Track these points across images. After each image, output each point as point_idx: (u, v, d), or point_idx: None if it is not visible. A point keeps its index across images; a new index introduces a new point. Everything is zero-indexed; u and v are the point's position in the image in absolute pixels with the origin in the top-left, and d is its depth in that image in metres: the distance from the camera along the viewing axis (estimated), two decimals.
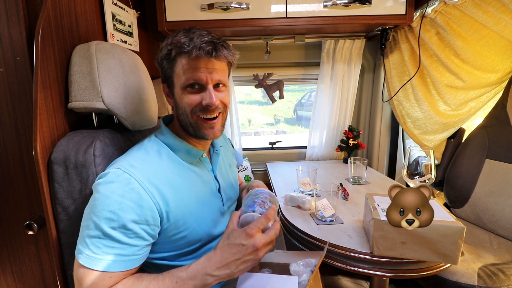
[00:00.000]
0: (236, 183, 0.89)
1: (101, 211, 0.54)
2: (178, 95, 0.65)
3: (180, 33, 0.63)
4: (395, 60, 1.47)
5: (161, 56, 0.66)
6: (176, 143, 0.68)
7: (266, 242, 0.55)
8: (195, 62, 0.61)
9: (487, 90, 1.32)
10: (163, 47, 0.65)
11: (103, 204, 0.54)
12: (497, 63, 1.22)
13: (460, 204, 1.32)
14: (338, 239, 0.79)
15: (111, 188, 0.55)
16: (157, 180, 0.60)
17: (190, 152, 0.69)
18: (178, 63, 0.63)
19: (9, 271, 0.81)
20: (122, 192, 0.55)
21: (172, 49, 0.62)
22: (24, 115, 0.73)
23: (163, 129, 0.70)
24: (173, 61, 0.64)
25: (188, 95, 0.64)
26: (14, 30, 0.69)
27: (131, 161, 0.60)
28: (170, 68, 0.65)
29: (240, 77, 1.72)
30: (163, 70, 0.67)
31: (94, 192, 0.57)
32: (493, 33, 1.14)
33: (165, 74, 0.67)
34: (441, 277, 0.97)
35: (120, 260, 0.55)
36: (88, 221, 0.55)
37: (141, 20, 1.22)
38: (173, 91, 0.67)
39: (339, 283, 1.42)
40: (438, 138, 1.47)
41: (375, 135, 1.71)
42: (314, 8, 1.21)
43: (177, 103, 0.67)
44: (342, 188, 1.14)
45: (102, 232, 0.54)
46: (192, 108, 0.64)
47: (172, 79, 0.66)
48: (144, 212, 0.56)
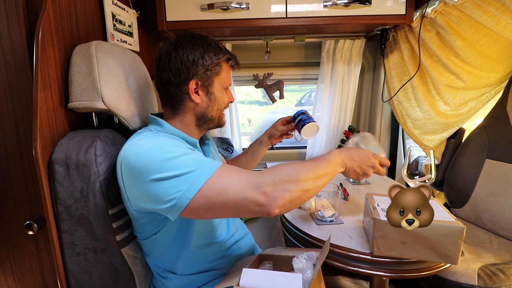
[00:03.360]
0: None
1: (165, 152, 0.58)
2: (220, 93, 0.76)
3: (218, 43, 0.75)
4: (395, 60, 1.47)
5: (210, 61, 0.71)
6: (176, 132, 0.71)
7: (378, 169, 0.73)
8: (230, 71, 0.80)
9: (487, 90, 1.32)
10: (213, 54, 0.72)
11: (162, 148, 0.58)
12: (497, 63, 1.22)
13: (460, 204, 1.32)
14: (338, 239, 0.79)
15: (157, 139, 0.61)
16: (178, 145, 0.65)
17: (188, 140, 0.72)
18: (224, 69, 0.75)
19: (9, 271, 0.81)
20: (170, 138, 0.64)
21: (228, 58, 0.76)
22: (24, 115, 0.73)
23: (159, 121, 0.72)
24: (218, 66, 0.74)
25: (226, 94, 0.79)
26: (14, 30, 0.69)
27: (147, 134, 0.65)
28: (215, 70, 0.73)
29: (240, 77, 1.72)
30: (205, 69, 0.71)
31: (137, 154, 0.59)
32: (493, 33, 1.13)
33: (207, 75, 0.72)
34: (441, 277, 0.97)
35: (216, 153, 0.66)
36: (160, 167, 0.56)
37: (141, 20, 1.22)
38: (211, 90, 0.74)
39: (339, 283, 1.42)
40: (438, 138, 1.47)
41: (375, 135, 1.71)
42: (314, 8, 1.21)
43: (216, 100, 0.76)
44: (342, 188, 1.14)
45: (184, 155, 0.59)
46: (227, 104, 0.79)
47: (213, 79, 0.74)
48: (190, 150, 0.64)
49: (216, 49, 0.73)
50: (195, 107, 0.74)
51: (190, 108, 0.74)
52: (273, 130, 1.02)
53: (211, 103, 0.75)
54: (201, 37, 0.73)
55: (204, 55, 0.71)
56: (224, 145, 1.54)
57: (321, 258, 0.61)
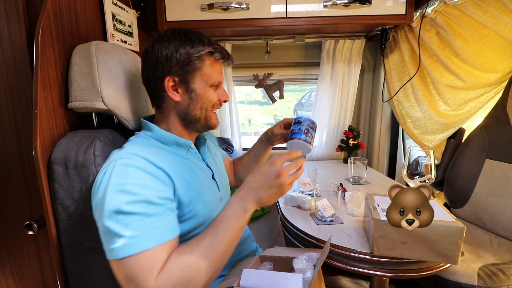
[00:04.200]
0: (225, 170, 0.91)
1: (123, 198, 0.52)
2: (203, 91, 0.69)
3: (203, 36, 0.69)
4: (395, 60, 1.47)
5: (188, 55, 0.66)
6: (166, 136, 0.69)
7: (289, 169, 0.61)
8: (220, 66, 0.73)
9: (487, 90, 1.32)
10: (192, 48, 0.66)
11: (123, 191, 0.52)
12: (497, 63, 1.22)
13: (460, 204, 1.32)
14: (338, 239, 0.79)
15: (123, 175, 0.54)
16: (161, 163, 0.60)
17: (180, 143, 0.70)
18: (207, 64, 0.68)
19: (9, 271, 0.81)
20: (137, 175, 0.55)
21: (210, 51, 0.68)
22: (24, 115, 0.73)
23: (149, 126, 0.70)
24: (198, 60, 0.67)
25: (213, 91, 0.72)
26: (14, 30, 0.69)
27: (131, 151, 0.59)
28: (196, 66, 0.67)
29: (240, 77, 1.72)
30: (186, 65, 0.66)
31: (104, 188, 0.54)
32: (493, 33, 1.13)
33: (184, 70, 0.67)
34: (441, 277, 0.97)
35: (163, 230, 0.54)
36: (111, 216, 0.52)
37: (141, 20, 1.22)
38: (192, 86, 0.68)
39: (339, 283, 1.42)
40: (438, 138, 1.47)
41: (375, 135, 1.71)
42: (314, 8, 1.21)
43: (198, 98, 0.69)
44: (342, 188, 1.14)
45: (134, 214, 0.52)
46: (214, 103, 0.72)
47: (193, 75, 0.68)
48: (163, 188, 0.57)
49: (195, 42, 0.67)
50: (176, 105, 0.70)
51: (172, 107, 0.71)
52: (270, 133, 0.93)
53: (192, 102, 0.69)
54: (181, 31, 0.68)
55: (179, 49, 0.66)
56: (224, 145, 1.54)
57: (321, 259, 0.61)
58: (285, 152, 0.64)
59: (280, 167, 0.61)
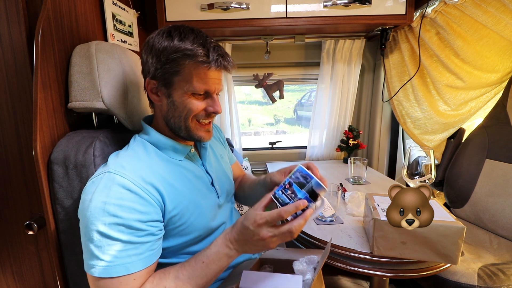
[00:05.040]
0: (230, 174, 0.88)
1: (102, 218, 0.52)
2: (181, 98, 0.62)
3: (189, 35, 0.60)
4: (395, 60, 1.47)
5: (164, 55, 0.60)
6: (162, 141, 0.67)
7: (273, 235, 0.53)
8: (209, 72, 0.61)
9: (487, 90, 1.32)
10: (167, 47, 0.60)
11: (103, 211, 0.52)
12: (497, 63, 1.22)
13: (460, 204, 1.32)
14: (338, 239, 0.79)
15: (105, 193, 0.53)
16: (151, 177, 0.59)
17: (177, 149, 0.68)
18: (187, 68, 0.60)
19: (9, 271, 0.81)
20: (120, 195, 0.53)
21: (186, 55, 0.59)
22: (24, 115, 0.73)
23: (147, 129, 0.69)
24: (180, 64, 0.60)
25: (194, 101, 0.63)
26: (14, 30, 0.69)
27: (121, 162, 0.59)
28: (173, 69, 0.61)
29: (240, 77, 1.72)
30: (161, 67, 0.61)
31: (88, 201, 0.53)
32: (493, 33, 1.14)
33: (162, 72, 0.62)
34: (441, 277, 0.97)
35: (137, 259, 0.54)
36: (91, 233, 0.52)
37: (141, 20, 1.22)
38: (171, 92, 0.63)
39: (339, 283, 1.42)
40: (438, 138, 1.47)
41: (375, 135, 1.71)
42: (314, 8, 1.21)
43: (176, 105, 0.63)
44: (342, 188, 1.14)
45: (110, 239, 0.52)
46: (196, 113, 0.64)
47: (172, 80, 0.62)
48: (147, 210, 0.56)
49: (175, 39, 0.60)
50: (161, 109, 0.66)
51: (158, 110, 0.68)
52: (268, 178, 0.76)
53: (170, 108, 0.64)
54: (174, 26, 0.62)
55: (153, 48, 0.61)
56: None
57: (321, 261, 0.61)
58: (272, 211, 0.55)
59: (265, 231, 0.54)
